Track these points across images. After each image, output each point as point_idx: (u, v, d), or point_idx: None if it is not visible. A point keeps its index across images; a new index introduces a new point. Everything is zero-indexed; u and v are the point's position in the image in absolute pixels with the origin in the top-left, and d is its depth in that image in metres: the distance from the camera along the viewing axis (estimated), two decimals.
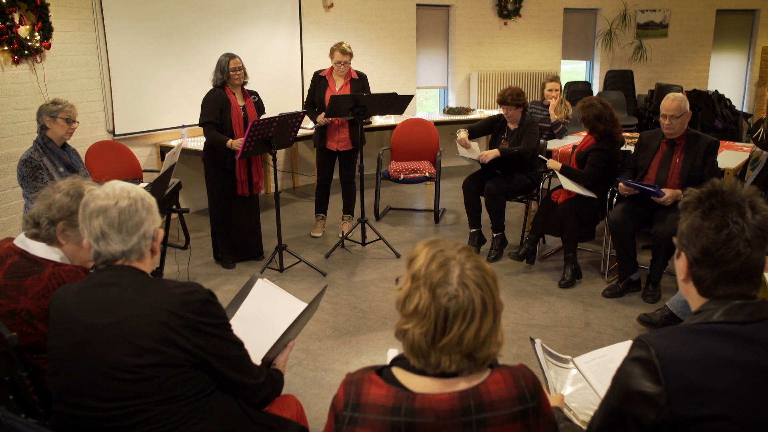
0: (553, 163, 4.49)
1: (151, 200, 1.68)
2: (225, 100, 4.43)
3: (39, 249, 1.95)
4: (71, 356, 1.55)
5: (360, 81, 5.10)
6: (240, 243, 4.75)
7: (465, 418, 1.22)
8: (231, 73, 4.41)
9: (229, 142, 4.37)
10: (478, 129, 4.98)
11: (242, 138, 4.32)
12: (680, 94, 4.06)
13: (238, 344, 1.66)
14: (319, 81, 5.10)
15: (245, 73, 4.51)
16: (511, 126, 4.84)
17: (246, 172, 4.59)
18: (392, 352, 1.88)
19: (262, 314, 1.96)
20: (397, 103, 4.82)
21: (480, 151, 4.75)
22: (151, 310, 1.52)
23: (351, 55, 4.99)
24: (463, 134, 4.80)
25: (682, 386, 1.25)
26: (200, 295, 1.58)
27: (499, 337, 1.28)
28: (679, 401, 1.25)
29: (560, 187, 4.44)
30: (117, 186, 1.65)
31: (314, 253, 5.01)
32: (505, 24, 8.20)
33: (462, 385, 1.25)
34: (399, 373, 1.29)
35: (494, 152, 4.70)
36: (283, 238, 4.68)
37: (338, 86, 5.05)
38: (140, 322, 1.51)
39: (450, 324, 1.22)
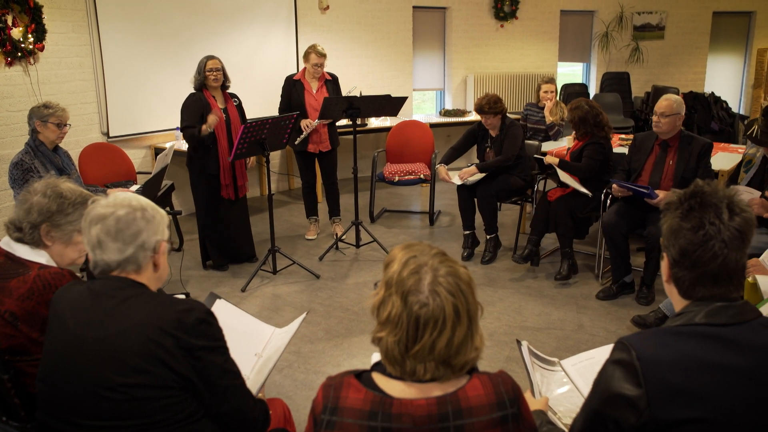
0: (550, 159, 4.47)
1: (156, 212, 1.61)
2: (205, 104, 4.35)
3: (24, 251, 1.94)
4: (59, 366, 1.50)
5: (333, 81, 5.09)
6: (231, 246, 4.72)
7: (442, 424, 1.21)
8: (207, 73, 4.33)
9: (203, 127, 4.27)
10: (460, 146, 4.98)
11: (216, 115, 4.29)
12: (677, 96, 4.06)
13: (234, 372, 1.56)
14: (294, 85, 5.06)
15: (225, 75, 4.44)
16: (492, 133, 4.82)
17: (230, 176, 4.53)
18: (376, 357, 1.87)
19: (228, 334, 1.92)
20: (390, 104, 4.81)
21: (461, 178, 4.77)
22: (142, 328, 1.44)
23: (325, 56, 4.98)
24: (442, 172, 4.82)
25: (663, 389, 1.24)
26: (197, 314, 1.49)
27: (477, 342, 1.27)
28: (660, 404, 1.24)
29: (555, 187, 4.45)
30: (120, 195, 1.61)
31: (308, 255, 4.99)
32: (502, 26, 8.21)
33: (440, 390, 1.24)
34: (378, 378, 1.29)
35: (472, 170, 4.71)
36: (277, 240, 4.67)
37: (315, 88, 5.03)
38: (130, 340, 1.44)
39: (421, 332, 1.21)
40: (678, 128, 4.01)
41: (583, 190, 4.25)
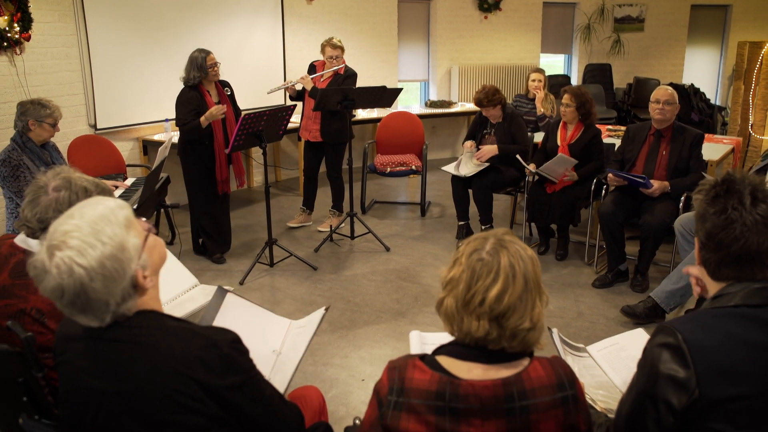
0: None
1: (106, 246, 1.25)
2: (201, 100, 4.26)
3: None
4: (81, 419, 1.36)
5: (344, 77, 5.03)
6: (222, 236, 4.71)
7: (508, 405, 1.25)
8: (209, 69, 4.26)
9: (203, 118, 4.20)
10: (471, 135, 5.10)
11: (218, 106, 4.22)
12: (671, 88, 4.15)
13: (267, 397, 1.42)
14: (310, 69, 5.13)
15: None
16: (493, 120, 4.92)
17: (227, 171, 4.50)
18: (414, 334, 1.89)
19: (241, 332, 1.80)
20: (385, 96, 4.81)
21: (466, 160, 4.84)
22: (163, 377, 1.28)
23: (342, 48, 4.98)
24: (468, 144, 4.97)
25: (710, 369, 1.30)
26: (220, 350, 1.31)
27: (535, 315, 1.29)
28: (708, 384, 1.29)
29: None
30: (57, 258, 1.23)
31: (302, 247, 4.98)
32: (486, 17, 8.24)
33: (505, 372, 1.28)
34: (443, 360, 1.32)
35: (493, 150, 4.78)
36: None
37: (324, 77, 5.03)
38: (152, 393, 1.28)
39: (475, 280, 1.28)
40: (674, 118, 4.10)
41: (572, 162, 4.41)
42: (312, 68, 5.11)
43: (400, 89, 4.91)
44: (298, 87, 5.03)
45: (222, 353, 1.31)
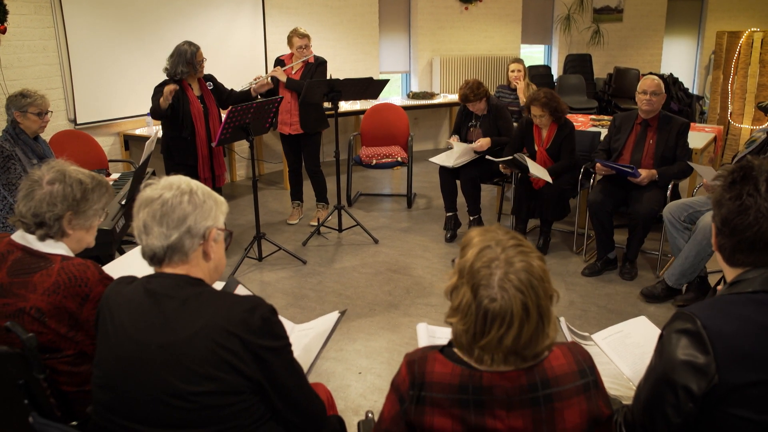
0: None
1: (208, 198, 1.52)
2: (181, 93, 4.18)
3: (43, 244, 1.84)
4: (120, 373, 1.41)
5: (316, 65, 4.95)
6: None
7: (533, 394, 1.24)
8: (198, 66, 4.19)
9: (161, 99, 4.06)
10: (457, 129, 5.10)
11: (168, 86, 4.09)
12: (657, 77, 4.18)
13: (299, 370, 1.52)
14: (277, 64, 5.02)
15: None
16: (478, 113, 4.92)
17: (209, 168, 4.42)
18: (422, 327, 1.88)
19: None
20: (372, 87, 4.78)
21: (461, 152, 4.82)
22: (208, 332, 1.37)
23: (309, 37, 4.89)
24: (454, 139, 5.00)
25: (730, 354, 1.29)
26: (262, 312, 1.42)
27: (550, 331, 1.26)
28: (728, 369, 1.29)
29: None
30: (172, 179, 1.53)
31: (290, 240, 4.94)
32: (466, 8, 8.23)
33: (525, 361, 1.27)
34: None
35: (487, 142, 4.77)
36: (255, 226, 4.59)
37: (295, 69, 4.93)
38: (197, 346, 1.36)
39: (488, 326, 1.22)
40: (660, 108, 4.13)
41: (548, 178, 4.31)
42: (280, 63, 5.00)
43: (387, 80, 4.87)
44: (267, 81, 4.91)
45: (264, 316, 1.42)
